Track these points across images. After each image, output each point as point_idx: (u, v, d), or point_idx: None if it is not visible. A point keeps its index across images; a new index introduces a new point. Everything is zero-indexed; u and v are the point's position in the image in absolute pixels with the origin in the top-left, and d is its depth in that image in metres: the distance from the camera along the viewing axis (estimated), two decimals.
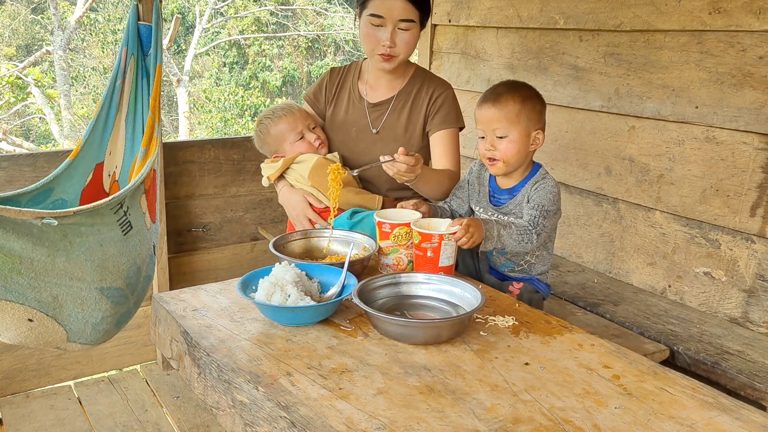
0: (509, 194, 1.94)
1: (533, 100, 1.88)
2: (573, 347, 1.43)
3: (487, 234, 1.77)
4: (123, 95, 2.29)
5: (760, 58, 2.10)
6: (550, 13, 2.74)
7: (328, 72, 2.36)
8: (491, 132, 1.87)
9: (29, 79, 9.72)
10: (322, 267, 1.66)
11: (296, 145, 2.22)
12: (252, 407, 1.25)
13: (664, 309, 2.35)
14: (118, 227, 1.89)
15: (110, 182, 2.28)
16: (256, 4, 13.44)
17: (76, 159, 2.18)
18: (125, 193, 1.90)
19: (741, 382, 1.91)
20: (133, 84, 2.31)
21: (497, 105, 1.85)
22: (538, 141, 1.88)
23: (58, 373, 2.83)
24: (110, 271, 1.88)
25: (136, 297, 2.06)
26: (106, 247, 1.85)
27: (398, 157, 1.83)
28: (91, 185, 2.21)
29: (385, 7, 2.03)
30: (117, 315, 1.97)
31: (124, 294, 1.96)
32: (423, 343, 1.42)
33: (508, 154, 1.86)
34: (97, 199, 2.19)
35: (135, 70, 2.32)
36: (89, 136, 2.23)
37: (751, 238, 2.19)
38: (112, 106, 2.28)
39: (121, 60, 2.30)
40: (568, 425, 1.15)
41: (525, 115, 1.85)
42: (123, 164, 2.29)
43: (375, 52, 2.09)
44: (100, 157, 2.26)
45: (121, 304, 1.96)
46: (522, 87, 1.91)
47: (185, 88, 11.12)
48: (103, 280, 1.86)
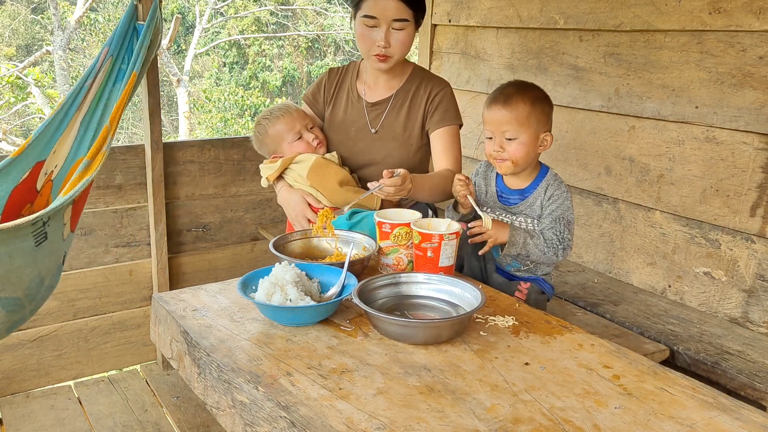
0: (520, 195, 1.93)
1: (542, 102, 1.87)
2: (573, 347, 1.43)
3: (512, 239, 1.81)
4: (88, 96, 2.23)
5: (760, 58, 2.10)
6: (550, 13, 2.74)
7: (326, 72, 2.36)
8: (500, 134, 1.86)
9: (29, 79, 9.72)
10: (322, 267, 1.66)
11: (294, 145, 2.22)
12: (252, 407, 1.25)
13: (664, 309, 2.35)
14: (31, 238, 1.83)
15: (44, 181, 2.20)
16: (256, 4, 13.44)
17: (19, 157, 2.11)
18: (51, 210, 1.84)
19: (741, 382, 1.91)
20: (102, 86, 2.25)
21: (507, 107, 1.83)
22: (546, 143, 1.88)
23: (58, 373, 2.83)
24: (12, 282, 1.83)
25: (34, 306, 2.01)
26: (15, 257, 1.80)
27: (384, 181, 1.85)
28: (24, 183, 2.14)
29: (379, 8, 2.03)
30: (10, 322, 1.93)
31: (21, 303, 1.91)
32: (423, 343, 1.42)
33: (517, 156, 1.85)
34: (26, 196, 2.13)
35: (108, 72, 2.26)
36: (40, 133, 2.16)
37: (751, 238, 2.19)
38: (73, 106, 2.21)
39: (99, 59, 2.24)
40: (568, 425, 1.15)
41: (535, 117, 1.84)
42: (63, 165, 2.23)
43: (370, 52, 2.10)
44: (44, 155, 2.19)
45: (16, 312, 1.92)
46: (532, 88, 1.89)
47: (185, 88, 11.12)
48: (3, 291, 1.82)
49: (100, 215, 2.79)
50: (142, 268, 2.92)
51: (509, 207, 1.94)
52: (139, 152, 2.82)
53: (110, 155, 2.75)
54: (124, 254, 2.87)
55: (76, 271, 2.79)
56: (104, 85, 2.26)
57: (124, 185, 2.81)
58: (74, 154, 2.22)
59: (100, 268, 2.84)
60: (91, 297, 2.84)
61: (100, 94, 2.25)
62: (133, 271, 2.91)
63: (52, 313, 2.77)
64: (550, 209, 1.88)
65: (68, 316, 2.81)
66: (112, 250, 2.85)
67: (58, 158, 2.21)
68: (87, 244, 2.79)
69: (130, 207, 2.84)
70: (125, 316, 2.93)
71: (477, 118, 3.18)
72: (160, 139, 2.78)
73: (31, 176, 2.16)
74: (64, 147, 2.22)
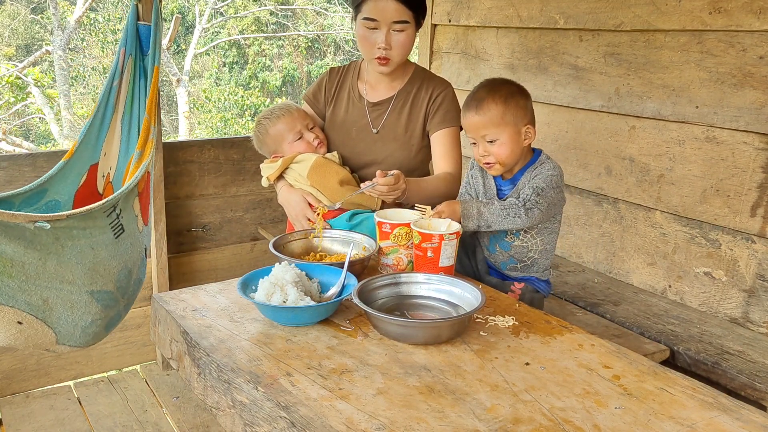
0: (511, 184, 1.94)
1: (515, 96, 1.85)
2: (573, 347, 1.43)
3: (465, 213, 1.79)
4: (120, 96, 2.28)
5: (761, 58, 2.10)
6: (550, 13, 2.74)
7: (327, 72, 2.36)
8: (481, 138, 1.87)
9: (29, 79, 9.72)
10: (322, 267, 1.66)
11: (295, 145, 2.22)
12: (252, 407, 1.25)
13: (665, 309, 2.35)
14: (110, 230, 1.87)
15: (104, 183, 2.27)
16: (256, 4, 13.44)
17: (71, 160, 2.17)
18: (119, 196, 1.89)
19: (741, 382, 1.91)
20: (130, 85, 2.30)
21: (480, 111, 1.84)
22: (530, 135, 1.87)
23: (58, 373, 2.83)
24: (101, 275, 1.87)
25: (126, 300, 2.05)
26: (98, 250, 1.84)
27: (377, 180, 1.85)
28: (85, 186, 2.20)
29: (378, 10, 2.03)
30: (107, 318, 1.96)
31: (114, 297, 1.95)
32: (423, 343, 1.42)
33: (503, 156, 1.86)
34: (90, 200, 2.18)
35: (132, 71, 2.30)
36: (85, 136, 2.22)
37: (752, 238, 2.18)
38: (108, 107, 2.27)
39: (119, 60, 2.29)
40: (568, 425, 1.15)
41: (510, 114, 1.83)
42: (117, 166, 2.28)
43: (372, 55, 2.09)
44: (95, 158, 2.25)
45: (111, 308, 1.95)
46: (501, 86, 1.87)
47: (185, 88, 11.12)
48: (94, 284, 1.85)
49: None
50: None
51: (503, 199, 1.94)
52: None
53: None
54: None
55: None
56: (132, 83, 2.31)
57: None
58: (125, 153, 2.28)
59: None
60: None
61: (131, 93, 2.31)
62: None
63: None
64: (532, 181, 1.87)
65: None
66: None
67: (111, 160, 2.28)
68: None
69: None
70: (125, 317, 2.92)
71: None
72: (160, 139, 2.77)
73: (90, 179, 2.22)
74: (113, 148, 2.28)
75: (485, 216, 1.81)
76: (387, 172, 1.88)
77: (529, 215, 1.81)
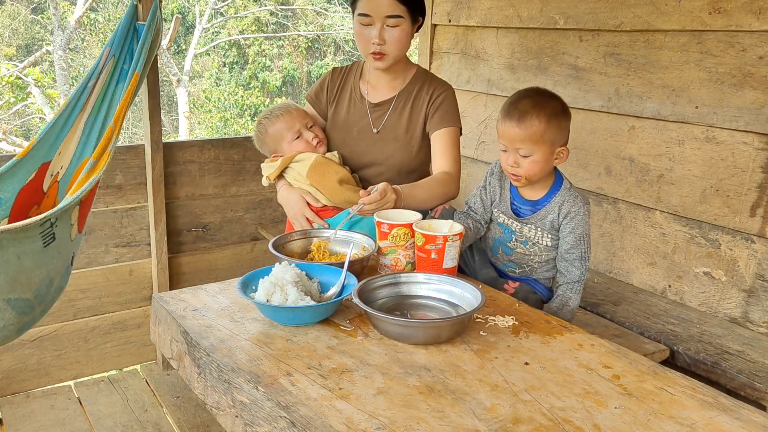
0: (533, 207, 1.88)
1: (559, 116, 1.78)
2: (573, 347, 1.43)
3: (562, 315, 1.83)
4: (91, 96, 2.23)
5: (760, 58, 2.10)
6: (550, 13, 2.74)
7: (329, 72, 2.36)
8: (514, 150, 1.80)
9: (29, 79, 9.72)
10: (322, 267, 1.66)
11: (294, 144, 2.22)
12: (252, 407, 1.25)
13: (664, 309, 2.35)
14: (40, 239, 1.83)
15: (50, 182, 2.21)
16: (256, 4, 13.44)
17: (24, 158, 2.12)
18: (58, 211, 1.85)
19: (741, 382, 1.91)
20: (105, 86, 2.25)
21: (522, 125, 1.75)
22: (561, 156, 1.82)
23: (58, 373, 2.83)
24: (21, 284, 1.84)
25: (43, 307, 2.01)
26: (24, 259, 1.80)
27: (363, 200, 1.85)
28: (31, 184, 2.15)
29: (372, 5, 2.04)
30: (20, 324, 1.93)
31: (31, 305, 1.92)
32: (423, 343, 1.42)
33: (531, 173, 1.80)
34: (33, 198, 2.13)
35: (111, 73, 2.26)
36: (45, 134, 2.16)
37: (751, 238, 2.19)
38: (77, 107, 2.21)
39: (101, 60, 2.24)
40: (568, 425, 1.15)
41: (551, 134, 1.76)
42: (69, 166, 2.23)
43: (367, 51, 2.10)
44: (49, 156, 2.19)
45: (26, 314, 1.92)
46: (548, 102, 1.79)
47: (185, 88, 11.12)
48: (12, 292, 1.82)
49: (100, 215, 2.79)
50: (142, 268, 2.92)
51: (522, 218, 1.89)
52: (139, 152, 2.82)
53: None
54: (124, 254, 2.87)
55: (76, 271, 2.79)
56: (107, 85, 2.26)
57: (124, 185, 2.81)
58: (80, 155, 2.22)
59: (100, 268, 2.83)
60: (91, 297, 2.84)
61: (103, 94, 2.25)
62: (133, 271, 2.91)
63: (52, 313, 2.77)
64: (570, 227, 1.83)
65: (68, 316, 2.81)
66: (112, 250, 2.85)
67: (64, 159, 2.22)
68: (87, 244, 2.79)
69: (130, 207, 2.84)
70: (125, 316, 2.93)
71: (477, 118, 3.18)
72: (160, 139, 2.78)
73: (37, 177, 2.16)
74: (69, 148, 2.22)
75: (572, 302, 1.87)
76: (371, 189, 1.88)
77: (585, 265, 1.87)
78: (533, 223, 1.88)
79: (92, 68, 2.24)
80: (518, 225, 1.90)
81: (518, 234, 1.91)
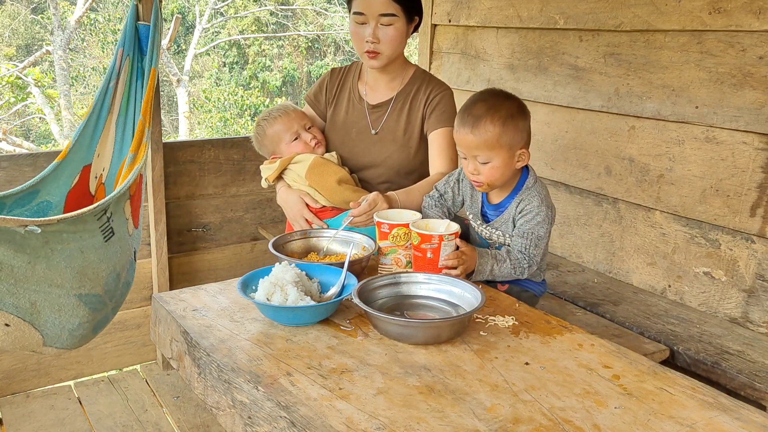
0: (496, 210, 1.88)
1: (515, 118, 1.73)
2: (573, 347, 1.43)
3: (479, 268, 1.75)
4: (116, 97, 2.26)
5: (760, 58, 2.10)
6: (550, 13, 2.74)
7: (328, 72, 2.36)
8: (473, 157, 1.77)
9: (29, 79, 9.72)
10: (322, 267, 1.66)
11: (292, 145, 2.22)
12: (252, 407, 1.25)
13: (664, 309, 2.35)
14: (100, 234, 1.86)
15: (96, 184, 2.25)
16: (256, 4, 13.44)
17: (64, 161, 2.15)
18: (110, 199, 1.87)
19: (741, 382, 1.91)
20: (127, 85, 2.28)
21: (476, 131, 1.72)
22: (523, 158, 1.78)
23: (58, 373, 2.83)
24: (89, 278, 1.86)
25: (114, 303, 2.03)
26: (87, 253, 1.83)
27: (352, 212, 1.87)
28: (77, 187, 2.19)
29: (365, 4, 2.04)
30: (94, 321, 1.95)
31: (102, 300, 1.94)
32: (423, 343, 1.42)
33: (493, 179, 1.78)
34: (82, 201, 2.17)
35: (130, 72, 2.29)
36: (79, 137, 2.20)
37: (751, 238, 2.19)
38: (104, 108, 2.25)
39: (117, 61, 2.27)
40: (568, 425, 1.15)
41: (507, 138, 1.72)
42: (110, 167, 2.27)
43: (362, 50, 2.10)
44: (89, 159, 2.23)
45: (98, 311, 1.94)
46: (502, 105, 1.74)
47: (185, 88, 11.12)
48: (82, 287, 1.84)
49: None
50: (142, 268, 2.91)
51: (488, 223, 1.90)
52: None
53: None
54: None
55: None
56: (128, 84, 2.29)
57: None
58: (119, 155, 2.27)
59: None
60: None
61: (127, 93, 2.29)
62: None
63: None
64: (519, 223, 1.81)
65: None
66: None
67: (104, 161, 2.27)
68: None
69: None
70: (125, 316, 2.93)
71: None
72: (160, 139, 2.78)
73: (82, 180, 2.21)
74: (107, 149, 2.27)
75: (496, 272, 1.78)
76: (361, 200, 1.89)
77: (530, 269, 1.81)
78: (499, 227, 1.87)
79: (109, 70, 2.28)
80: (488, 232, 1.90)
81: (490, 240, 1.91)
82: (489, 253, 1.78)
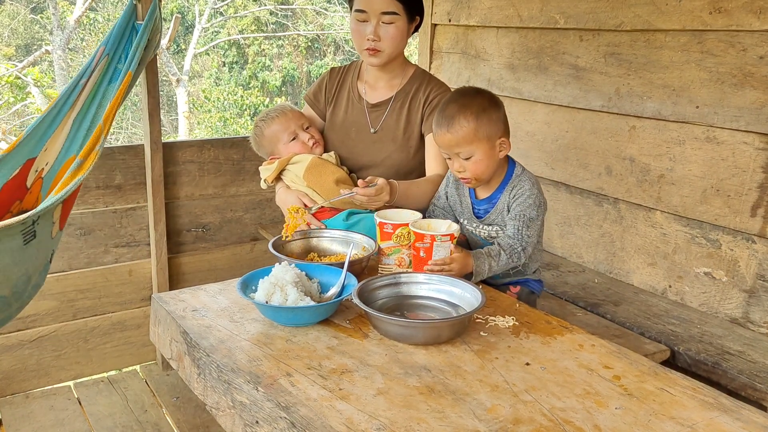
0: (488, 203, 1.90)
1: (488, 111, 1.78)
2: (573, 347, 1.43)
3: (477, 270, 1.74)
4: (81, 94, 2.21)
5: (761, 58, 2.10)
6: (550, 13, 2.74)
7: (327, 72, 2.36)
8: (455, 155, 1.81)
9: (29, 79, 9.72)
10: (322, 267, 1.66)
11: (290, 145, 2.22)
12: (252, 407, 1.24)
13: (665, 309, 2.35)
14: (20, 236, 1.82)
15: (35, 178, 2.19)
16: (255, 4, 13.44)
17: (9, 154, 2.10)
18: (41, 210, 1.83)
19: (742, 382, 1.91)
20: (97, 85, 2.24)
21: (452, 130, 1.77)
22: (504, 147, 1.81)
23: (58, 373, 2.83)
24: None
25: (20, 304, 2.00)
26: (3, 256, 1.79)
27: (357, 190, 1.86)
28: (14, 180, 2.13)
29: (367, 1, 2.04)
30: None
31: (8, 302, 1.91)
32: (423, 343, 1.42)
33: (479, 172, 1.81)
34: (15, 194, 2.11)
35: (104, 71, 2.24)
36: (32, 131, 2.14)
37: (752, 238, 2.18)
38: (66, 104, 2.20)
39: (94, 59, 2.23)
40: (568, 426, 1.15)
41: (483, 130, 1.76)
42: (54, 163, 2.21)
43: (362, 47, 2.10)
44: (35, 152, 2.17)
45: (1, 311, 1.91)
46: (473, 100, 1.79)
47: (184, 88, 11.12)
48: None
49: (100, 215, 2.79)
50: (141, 268, 2.91)
51: (482, 219, 1.91)
52: (138, 152, 2.81)
53: (110, 155, 2.76)
54: (124, 254, 2.87)
55: (76, 272, 2.79)
56: (99, 83, 2.24)
57: (123, 185, 2.81)
58: (66, 152, 2.21)
59: (99, 269, 2.83)
60: (90, 297, 2.84)
61: (94, 92, 2.23)
62: (133, 272, 2.90)
63: (52, 313, 2.77)
64: (512, 207, 1.84)
65: (68, 317, 2.81)
66: (111, 251, 2.84)
67: (50, 156, 2.20)
68: (86, 245, 2.78)
69: (129, 207, 2.84)
70: (125, 317, 2.93)
71: None
72: (159, 138, 2.78)
73: (21, 173, 2.15)
74: (56, 145, 2.21)
75: (494, 269, 1.78)
76: (371, 182, 1.89)
77: (526, 252, 1.81)
78: (494, 221, 1.88)
79: (85, 66, 2.23)
80: (485, 231, 1.91)
81: (488, 239, 1.91)
82: (482, 252, 1.79)
